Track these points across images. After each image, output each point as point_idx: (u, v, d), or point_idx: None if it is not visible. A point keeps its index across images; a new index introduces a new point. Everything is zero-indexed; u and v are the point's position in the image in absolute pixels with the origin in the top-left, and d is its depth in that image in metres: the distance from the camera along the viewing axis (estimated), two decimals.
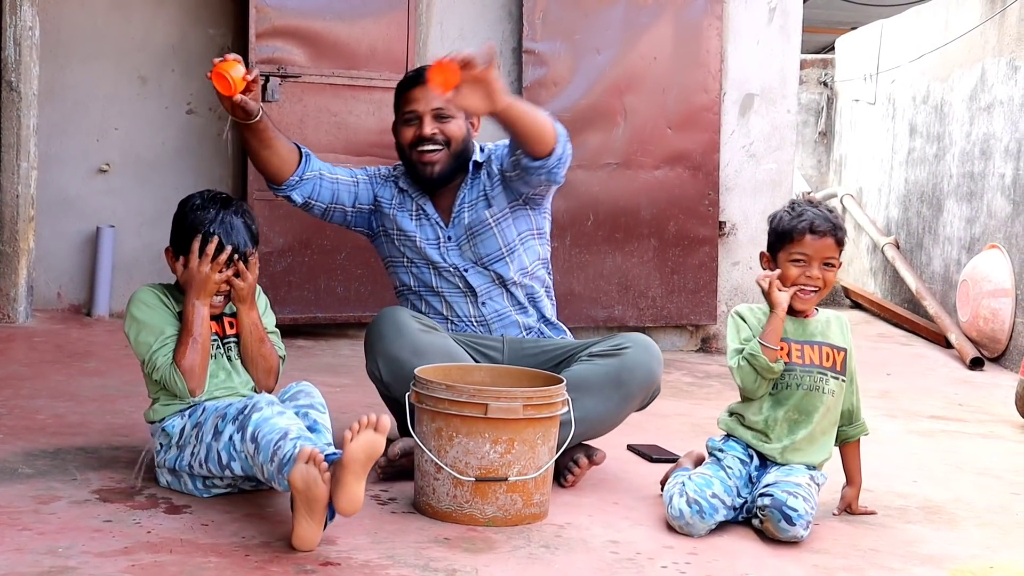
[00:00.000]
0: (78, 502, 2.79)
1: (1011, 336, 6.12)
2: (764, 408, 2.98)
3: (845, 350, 3.01)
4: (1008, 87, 6.37)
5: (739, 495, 2.92)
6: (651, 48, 5.87)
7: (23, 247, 5.56)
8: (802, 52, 6.49)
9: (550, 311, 3.52)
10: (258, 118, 3.16)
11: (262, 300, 3.09)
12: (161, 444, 2.93)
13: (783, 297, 2.92)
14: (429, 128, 3.32)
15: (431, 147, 3.33)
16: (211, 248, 2.90)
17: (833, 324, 3.04)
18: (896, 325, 7.55)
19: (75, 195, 5.93)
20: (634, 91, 5.84)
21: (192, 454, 2.83)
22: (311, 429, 2.78)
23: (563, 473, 3.22)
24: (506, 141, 3.43)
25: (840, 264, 3.01)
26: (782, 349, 2.95)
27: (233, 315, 3.04)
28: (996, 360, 6.24)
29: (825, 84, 9.40)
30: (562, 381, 2.97)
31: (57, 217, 5.89)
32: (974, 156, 6.79)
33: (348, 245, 5.66)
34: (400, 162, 3.49)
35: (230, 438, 2.74)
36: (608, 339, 3.31)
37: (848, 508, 3.10)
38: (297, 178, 3.33)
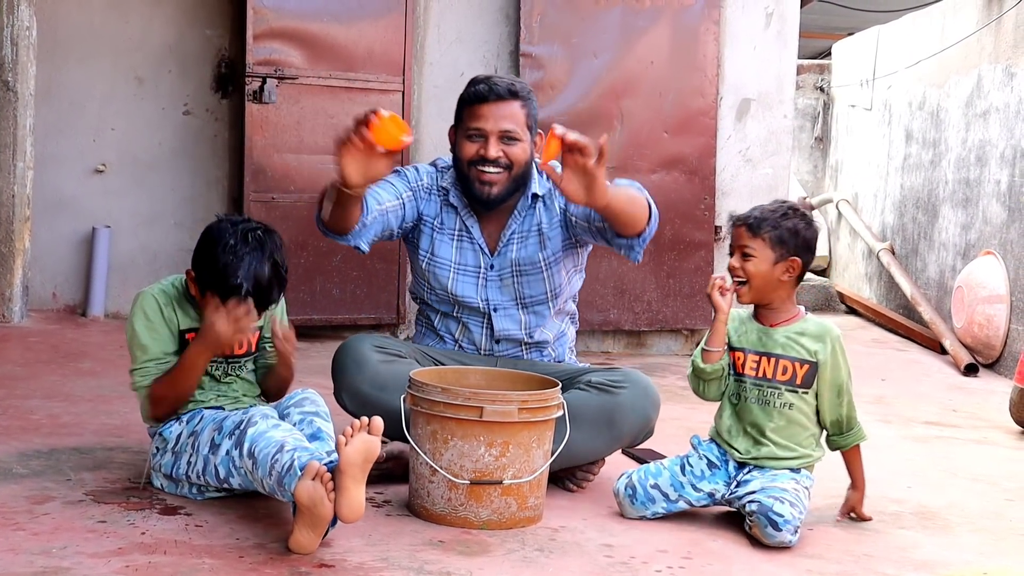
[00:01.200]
0: (72, 502, 2.79)
1: (1006, 342, 6.12)
2: (726, 417, 3.03)
3: (812, 363, 2.94)
4: (1004, 94, 6.38)
5: (695, 489, 2.96)
6: (648, 52, 5.87)
7: (19, 247, 5.55)
8: (799, 57, 6.50)
9: (570, 337, 3.48)
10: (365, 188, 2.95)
11: (281, 302, 3.00)
12: (158, 448, 2.92)
13: (720, 301, 2.95)
14: (494, 151, 3.17)
15: (493, 169, 3.18)
16: (240, 312, 2.76)
17: (807, 337, 2.96)
18: (891, 331, 7.56)
19: (71, 195, 5.92)
20: (631, 95, 5.84)
21: (189, 463, 2.82)
22: (315, 437, 2.77)
23: (563, 481, 3.22)
24: None
25: (773, 257, 2.90)
26: (737, 359, 2.99)
27: None
28: (991, 366, 6.24)
29: (822, 89, 9.42)
30: (558, 384, 2.97)
31: (53, 217, 5.89)
32: (970, 162, 6.80)
33: (344, 247, 5.63)
34: (441, 162, 3.38)
35: (227, 453, 2.73)
36: (608, 371, 3.25)
37: (852, 512, 3.09)
38: (361, 224, 3.13)
